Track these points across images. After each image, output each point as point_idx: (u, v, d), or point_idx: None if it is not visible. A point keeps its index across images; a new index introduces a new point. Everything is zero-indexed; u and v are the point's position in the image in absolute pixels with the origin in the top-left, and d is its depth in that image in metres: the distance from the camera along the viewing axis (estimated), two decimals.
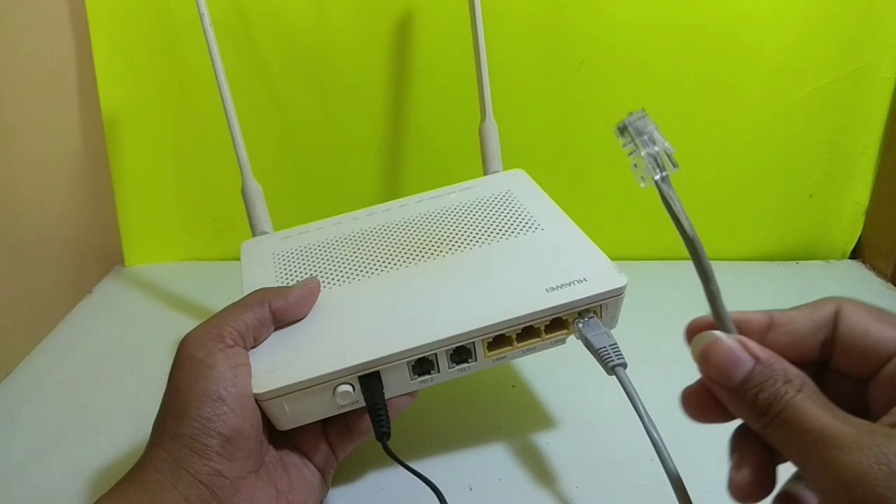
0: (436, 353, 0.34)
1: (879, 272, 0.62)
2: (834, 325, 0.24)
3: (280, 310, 0.35)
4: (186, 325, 0.33)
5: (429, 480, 0.34)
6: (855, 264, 0.64)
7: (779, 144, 0.60)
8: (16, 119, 0.56)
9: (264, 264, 0.43)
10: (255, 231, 0.48)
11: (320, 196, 0.65)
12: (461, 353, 0.35)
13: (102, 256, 0.67)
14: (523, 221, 0.43)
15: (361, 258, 0.42)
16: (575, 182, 0.62)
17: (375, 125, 0.62)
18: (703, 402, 0.25)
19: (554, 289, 0.35)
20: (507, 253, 0.40)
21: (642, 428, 0.31)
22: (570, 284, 0.36)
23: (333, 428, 0.37)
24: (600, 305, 0.36)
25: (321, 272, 0.41)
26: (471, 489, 0.39)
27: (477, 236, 0.42)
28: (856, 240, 0.64)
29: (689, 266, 0.24)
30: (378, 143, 0.63)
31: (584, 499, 0.38)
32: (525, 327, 0.35)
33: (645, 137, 0.24)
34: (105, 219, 0.65)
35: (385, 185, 0.65)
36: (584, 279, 0.36)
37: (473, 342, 0.35)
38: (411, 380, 0.35)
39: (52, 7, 0.59)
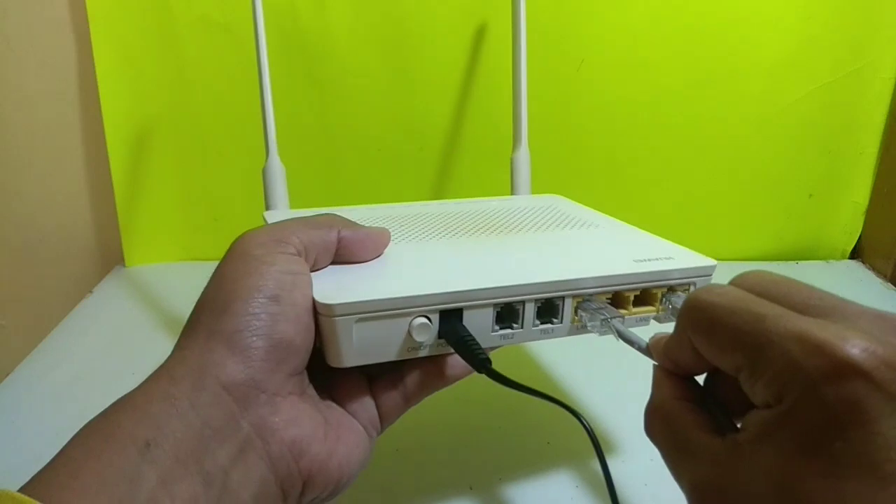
0: (524, 302, 0.31)
1: (879, 272, 0.62)
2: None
3: (348, 240, 0.31)
4: None
5: (558, 400, 0.28)
6: (855, 264, 0.64)
7: (779, 144, 0.61)
8: (17, 119, 0.56)
9: None
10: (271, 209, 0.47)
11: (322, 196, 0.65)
12: (549, 308, 0.32)
13: (102, 256, 0.67)
14: (583, 221, 0.41)
15: (420, 229, 0.39)
16: (574, 180, 0.62)
17: (389, 130, 0.62)
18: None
19: (642, 261, 0.34)
20: (578, 235, 0.39)
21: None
22: (657, 259, 0.34)
23: (382, 389, 0.31)
24: (689, 285, 0.34)
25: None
26: (471, 488, 0.39)
27: (539, 225, 0.40)
28: (855, 240, 0.64)
29: None
30: (390, 149, 0.63)
31: (584, 498, 0.38)
32: (614, 293, 0.33)
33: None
34: (105, 219, 0.65)
35: (401, 192, 0.65)
36: (671, 257, 0.34)
37: (563, 298, 0.32)
38: (492, 331, 0.31)
39: (53, 7, 0.59)
